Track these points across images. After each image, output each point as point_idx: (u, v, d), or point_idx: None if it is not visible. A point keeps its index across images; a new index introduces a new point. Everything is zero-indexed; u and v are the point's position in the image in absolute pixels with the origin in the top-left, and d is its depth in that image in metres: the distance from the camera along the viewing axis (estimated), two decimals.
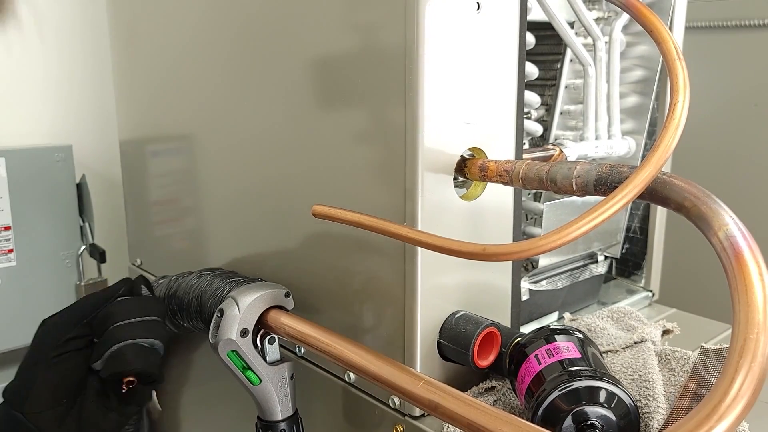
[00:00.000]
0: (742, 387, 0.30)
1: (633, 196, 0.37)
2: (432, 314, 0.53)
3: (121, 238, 1.04)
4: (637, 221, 0.84)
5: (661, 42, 0.42)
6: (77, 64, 1.05)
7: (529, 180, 0.47)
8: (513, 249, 0.39)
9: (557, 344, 0.50)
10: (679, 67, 0.41)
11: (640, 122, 0.75)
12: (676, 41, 0.43)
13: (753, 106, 1.25)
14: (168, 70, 0.80)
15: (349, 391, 0.59)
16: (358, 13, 0.52)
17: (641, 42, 0.75)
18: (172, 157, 0.84)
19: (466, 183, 0.55)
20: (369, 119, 0.53)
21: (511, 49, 0.54)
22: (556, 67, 0.76)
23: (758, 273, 0.33)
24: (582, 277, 0.77)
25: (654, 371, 0.55)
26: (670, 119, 0.39)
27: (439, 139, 0.50)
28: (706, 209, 0.36)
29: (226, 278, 0.64)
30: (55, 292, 0.97)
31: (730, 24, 1.26)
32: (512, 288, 0.60)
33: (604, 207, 0.37)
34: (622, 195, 0.37)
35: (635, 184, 0.37)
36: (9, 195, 0.90)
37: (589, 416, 0.44)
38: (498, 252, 0.40)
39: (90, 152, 1.06)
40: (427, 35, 0.48)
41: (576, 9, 0.66)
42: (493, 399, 0.55)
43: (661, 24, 0.44)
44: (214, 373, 0.80)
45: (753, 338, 0.30)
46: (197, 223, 0.80)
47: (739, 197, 1.23)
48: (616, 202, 0.37)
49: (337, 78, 0.55)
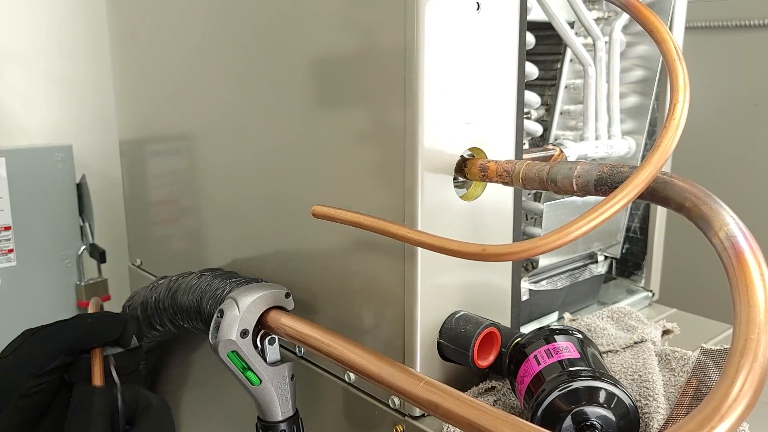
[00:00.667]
0: (743, 387, 0.30)
1: (633, 197, 0.37)
2: (432, 314, 0.53)
3: (121, 238, 1.04)
4: (638, 221, 0.84)
5: (661, 42, 0.42)
6: (77, 64, 1.05)
7: (530, 180, 0.47)
8: (513, 249, 0.39)
9: (557, 344, 0.50)
10: (679, 67, 0.41)
11: (640, 122, 0.75)
12: (676, 41, 0.43)
13: (753, 106, 1.25)
14: (168, 70, 0.80)
15: (349, 391, 0.59)
16: (357, 13, 0.52)
17: (641, 42, 0.75)
18: (172, 157, 0.84)
19: (466, 183, 0.55)
20: (369, 119, 0.53)
21: (511, 49, 0.54)
22: (556, 67, 0.76)
23: (759, 273, 0.32)
24: (582, 277, 0.77)
25: (654, 371, 0.55)
26: (670, 119, 0.39)
27: (439, 139, 0.50)
28: (706, 209, 0.36)
29: (226, 278, 0.64)
30: (55, 292, 0.97)
31: (730, 24, 1.26)
32: (512, 288, 0.60)
33: (604, 207, 0.37)
34: (622, 195, 0.37)
35: (635, 184, 0.37)
36: (9, 195, 0.90)
37: (588, 416, 0.44)
38: (498, 252, 0.40)
39: (90, 152, 1.06)
40: (427, 35, 0.48)
41: (576, 9, 0.66)
42: (493, 399, 0.55)
43: (661, 24, 0.44)
44: (214, 374, 0.80)
45: (754, 338, 0.30)
46: (197, 224, 0.80)
47: (740, 197, 1.23)
48: (616, 202, 0.37)
49: (337, 78, 0.55)
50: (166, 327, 0.70)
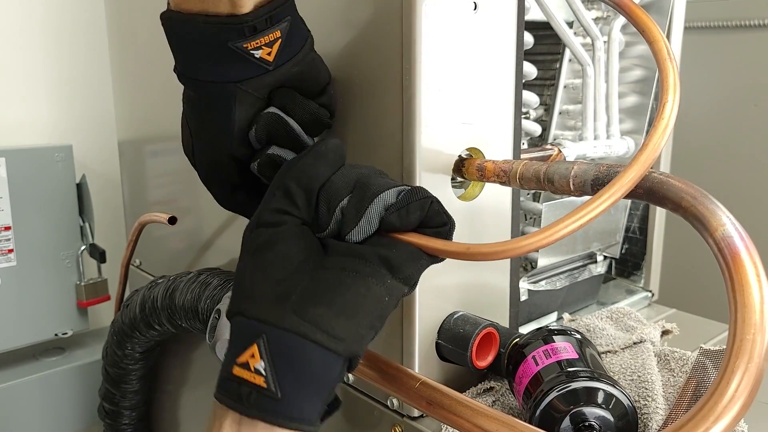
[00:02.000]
0: (738, 387, 0.30)
1: (620, 196, 0.37)
2: (430, 315, 0.53)
3: (121, 238, 1.04)
4: (637, 221, 0.84)
5: (653, 42, 0.42)
6: (76, 63, 1.05)
7: (527, 180, 0.47)
8: (498, 248, 0.39)
9: (555, 345, 0.50)
10: (669, 67, 0.41)
11: (639, 122, 0.75)
12: (667, 41, 0.43)
13: (753, 106, 1.25)
14: (167, 70, 0.80)
15: (348, 391, 0.59)
16: (354, 12, 0.52)
17: (640, 42, 0.75)
18: (171, 157, 0.84)
19: (464, 183, 0.55)
20: (366, 119, 0.53)
21: (509, 48, 0.54)
22: (555, 66, 0.75)
23: (755, 274, 0.32)
24: (581, 278, 0.77)
25: (653, 372, 0.55)
26: (659, 119, 0.39)
27: (437, 140, 0.50)
28: (703, 209, 0.35)
29: (224, 278, 0.64)
30: (55, 292, 0.97)
31: (730, 24, 1.26)
32: (510, 288, 0.59)
33: (592, 206, 0.37)
34: (610, 194, 0.37)
35: (622, 183, 0.37)
36: (9, 195, 0.90)
37: (587, 417, 0.44)
38: (482, 251, 0.39)
39: (90, 152, 1.07)
40: (425, 35, 0.48)
41: (574, 9, 0.66)
42: (492, 400, 0.55)
43: (652, 23, 0.43)
44: (214, 373, 0.80)
45: (749, 339, 0.30)
46: (196, 223, 0.80)
47: (738, 197, 1.23)
48: (603, 201, 0.37)
49: (335, 77, 0.55)
50: (164, 327, 0.70)
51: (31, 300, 0.94)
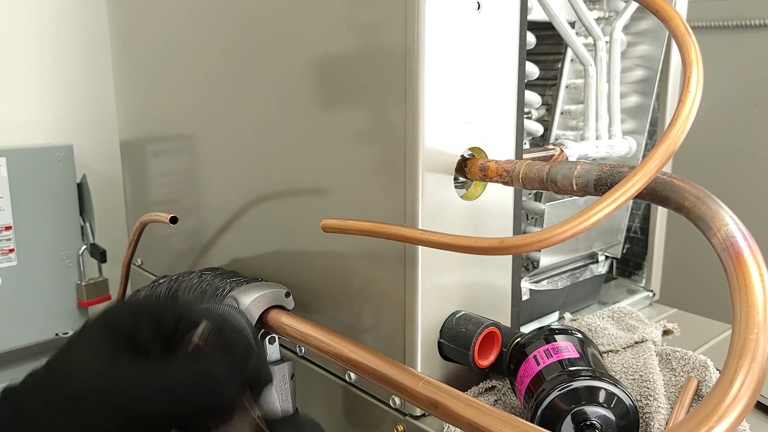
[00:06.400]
0: (742, 387, 0.30)
1: (650, 178, 0.37)
2: (432, 314, 0.53)
3: (121, 238, 1.04)
4: (638, 221, 0.84)
5: (668, 20, 0.42)
6: (77, 63, 1.05)
7: (530, 180, 0.47)
8: (530, 240, 0.38)
9: (556, 344, 0.50)
10: (689, 41, 0.40)
11: (641, 122, 0.75)
12: (683, 17, 0.42)
13: (754, 106, 1.25)
14: (168, 70, 0.80)
15: (350, 390, 0.59)
16: (358, 12, 0.52)
17: (642, 42, 0.75)
18: (172, 156, 0.84)
19: (467, 183, 0.55)
20: (369, 119, 0.53)
21: (512, 48, 0.54)
22: (557, 66, 0.76)
23: (758, 273, 0.32)
24: (582, 277, 0.77)
25: (655, 371, 0.55)
26: (686, 92, 0.38)
27: (440, 139, 0.50)
28: (706, 209, 0.36)
29: (227, 278, 0.64)
30: (55, 292, 0.97)
31: (730, 24, 1.26)
32: (512, 288, 0.60)
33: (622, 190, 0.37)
34: (645, 171, 0.37)
35: (657, 155, 0.37)
36: (10, 195, 0.90)
37: (588, 416, 0.44)
38: (516, 244, 0.39)
39: (90, 152, 1.07)
40: (428, 35, 0.48)
41: (577, 9, 0.66)
42: (494, 399, 0.55)
43: (665, 2, 0.43)
44: None
45: (753, 338, 0.30)
46: (198, 223, 0.80)
47: (740, 197, 1.23)
48: (639, 180, 0.37)
49: (338, 78, 0.55)
50: None
51: (31, 300, 0.94)
